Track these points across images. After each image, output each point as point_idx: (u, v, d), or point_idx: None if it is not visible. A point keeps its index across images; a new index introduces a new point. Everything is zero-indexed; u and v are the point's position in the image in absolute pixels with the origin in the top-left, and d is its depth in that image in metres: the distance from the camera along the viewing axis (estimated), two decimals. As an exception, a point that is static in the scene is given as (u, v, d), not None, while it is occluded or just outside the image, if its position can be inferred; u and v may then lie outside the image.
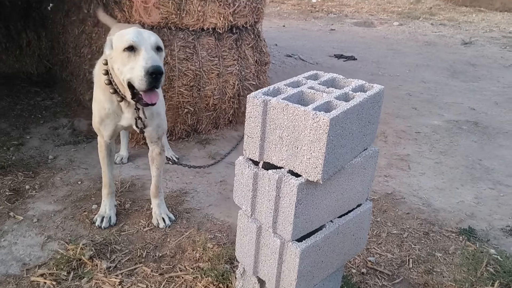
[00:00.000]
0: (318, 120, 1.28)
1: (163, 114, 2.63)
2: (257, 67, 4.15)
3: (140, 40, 2.10)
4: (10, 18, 5.36)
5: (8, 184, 3.07)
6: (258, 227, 1.56)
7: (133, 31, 2.14)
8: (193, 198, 3.09)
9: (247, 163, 1.55)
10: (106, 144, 2.66)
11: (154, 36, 2.18)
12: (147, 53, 2.07)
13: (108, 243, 2.53)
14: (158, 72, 2.02)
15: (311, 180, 1.37)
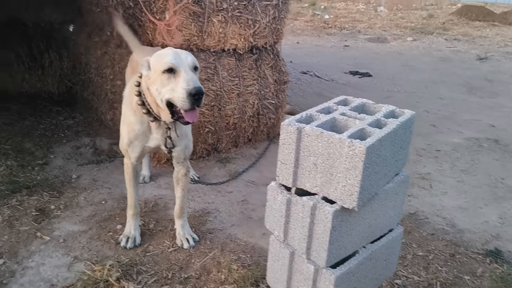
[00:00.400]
0: (354, 148, 1.30)
1: (190, 135, 2.67)
2: (276, 86, 4.19)
3: (179, 61, 2.14)
4: (33, 39, 5.51)
5: (34, 204, 3.12)
6: (291, 253, 1.57)
7: (171, 52, 2.19)
8: (216, 218, 3.10)
9: (279, 189, 1.57)
10: (132, 166, 2.70)
11: (191, 56, 2.23)
12: (187, 74, 2.11)
13: (134, 264, 2.55)
14: (200, 93, 2.07)
15: (346, 207, 1.38)
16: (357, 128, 1.41)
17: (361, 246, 1.57)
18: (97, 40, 4.56)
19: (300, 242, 1.50)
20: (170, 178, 3.67)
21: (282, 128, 1.45)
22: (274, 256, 1.65)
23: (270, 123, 4.29)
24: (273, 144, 4.42)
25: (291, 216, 1.52)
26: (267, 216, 1.62)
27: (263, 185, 3.65)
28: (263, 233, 2.94)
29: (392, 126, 1.44)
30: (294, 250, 1.56)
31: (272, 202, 1.57)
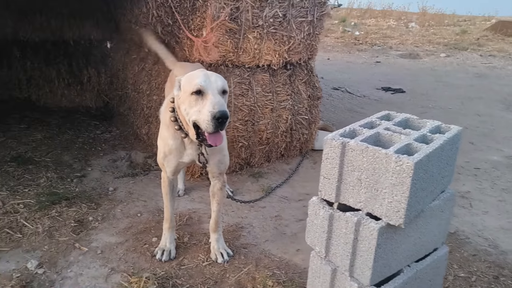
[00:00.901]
0: (401, 164, 1.27)
1: (225, 149, 2.68)
2: (309, 101, 4.19)
3: (207, 84, 2.18)
4: (73, 56, 5.72)
5: (73, 216, 3.20)
6: (332, 270, 1.54)
7: (201, 75, 2.22)
8: (249, 233, 3.09)
9: (321, 204, 1.55)
10: (169, 180, 2.74)
11: (221, 80, 2.25)
12: (214, 97, 2.14)
13: (170, 276, 2.56)
14: (224, 117, 2.08)
15: (392, 224, 1.34)
16: (403, 144, 1.38)
17: (405, 264, 1.53)
18: (135, 56, 4.70)
19: (342, 259, 1.47)
20: (204, 192, 3.72)
21: (325, 143, 1.44)
22: (315, 273, 1.62)
23: (303, 138, 4.28)
24: (305, 159, 4.40)
25: (334, 232, 1.49)
26: (308, 231, 1.60)
27: (296, 200, 3.62)
28: (297, 249, 2.90)
29: (440, 142, 1.40)
30: (336, 267, 1.53)
31: (314, 217, 1.55)
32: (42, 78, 5.64)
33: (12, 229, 2.99)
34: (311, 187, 3.85)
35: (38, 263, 2.63)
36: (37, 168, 3.95)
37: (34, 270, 2.58)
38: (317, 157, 4.49)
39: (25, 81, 5.62)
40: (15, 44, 5.45)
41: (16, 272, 2.56)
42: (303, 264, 2.74)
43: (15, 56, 5.50)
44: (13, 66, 5.53)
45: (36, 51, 5.55)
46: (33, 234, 2.95)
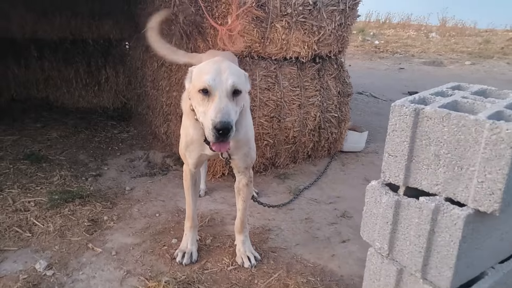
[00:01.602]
0: (499, 131, 0.99)
1: (252, 142, 2.41)
2: (339, 98, 3.91)
3: (216, 84, 1.89)
4: (92, 55, 5.57)
5: (86, 215, 2.96)
6: (398, 270, 1.25)
7: (212, 70, 1.94)
8: (278, 236, 2.81)
9: (383, 189, 1.26)
10: (191, 173, 2.49)
11: (232, 78, 1.93)
12: (219, 102, 1.87)
13: (191, 281, 2.29)
14: (225, 129, 1.82)
15: (483, 211, 1.06)
16: (493, 110, 1.10)
17: (489, 265, 1.23)
18: (153, 53, 4.49)
19: (412, 256, 1.18)
20: (226, 192, 3.45)
21: (393, 110, 1.17)
22: (374, 275, 1.33)
23: (332, 138, 3.99)
24: (334, 161, 4.11)
25: (400, 223, 1.21)
26: (365, 224, 1.31)
27: (327, 203, 3.33)
28: (332, 254, 2.61)
29: (538, 109, 1.12)
30: (403, 267, 1.24)
31: (373, 206, 1.27)
32: (60, 78, 5.50)
33: (21, 227, 2.77)
34: (342, 190, 3.56)
35: (47, 264, 2.40)
36: (51, 166, 3.75)
37: (42, 271, 2.34)
38: (346, 159, 4.20)
39: (42, 81, 5.49)
40: (33, 43, 5.33)
41: (23, 273, 2.33)
42: (340, 271, 2.44)
43: (33, 55, 5.38)
44: (31, 65, 5.40)
45: (55, 50, 5.43)
46: (43, 233, 2.72)
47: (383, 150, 3.86)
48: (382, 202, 1.24)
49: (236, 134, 2.23)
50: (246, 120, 2.29)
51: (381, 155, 4.48)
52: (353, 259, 2.57)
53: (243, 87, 1.99)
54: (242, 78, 2.02)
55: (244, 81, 2.04)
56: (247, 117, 2.31)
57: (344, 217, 3.08)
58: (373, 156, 4.34)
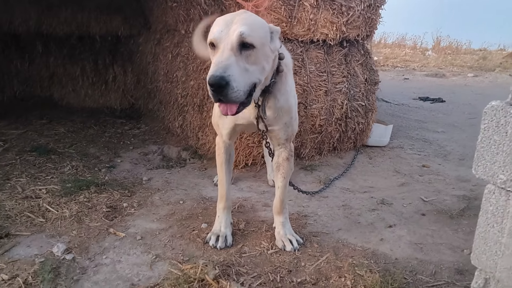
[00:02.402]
0: None
1: (294, 111, 2.15)
2: (366, 86, 3.72)
3: (221, 37, 1.66)
4: (100, 53, 5.37)
5: (104, 202, 2.70)
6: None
7: (221, 22, 1.71)
8: (316, 222, 2.56)
9: (509, 108, 1.04)
10: (225, 145, 2.24)
11: (241, 29, 1.64)
12: (220, 55, 1.64)
13: (230, 264, 2.03)
14: (216, 84, 1.56)
15: None
16: None
17: None
18: (167, 44, 4.32)
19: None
20: (251, 182, 3.22)
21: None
22: (493, 217, 1.10)
23: (359, 128, 3.78)
24: (360, 154, 3.88)
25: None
26: (480, 156, 1.09)
27: (361, 192, 3.10)
28: (380, 238, 2.36)
29: None
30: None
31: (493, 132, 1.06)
32: (66, 76, 5.27)
33: (34, 213, 2.50)
34: (374, 180, 3.33)
35: (65, 248, 2.12)
36: (61, 158, 3.50)
37: (61, 255, 2.07)
38: (372, 153, 3.98)
39: (47, 78, 5.26)
40: (38, 38, 5.11)
41: (40, 257, 2.05)
42: (393, 254, 2.20)
43: (37, 51, 5.15)
44: (35, 61, 5.18)
45: (60, 46, 5.21)
46: (58, 219, 2.45)
47: (408, 145, 3.65)
48: (510, 122, 1.01)
49: (274, 101, 2.01)
50: (287, 85, 2.05)
51: (407, 150, 4.29)
52: (404, 242, 2.32)
53: (257, 40, 1.68)
54: (259, 31, 1.72)
55: (261, 34, 1.73)
56: (288, 82, 2.06)
57: (384, 204, 2.84)
58: (399, 150, 4.13)
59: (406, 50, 20.64)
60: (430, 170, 3.59)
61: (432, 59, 17.10)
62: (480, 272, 1.17)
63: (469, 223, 2.56)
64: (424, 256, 2.19)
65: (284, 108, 2.06)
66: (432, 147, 4.29)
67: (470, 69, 13.82)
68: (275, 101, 2.01)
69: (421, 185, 3.22)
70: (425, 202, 2.88)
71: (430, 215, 2.67)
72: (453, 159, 3.91)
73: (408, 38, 21.71)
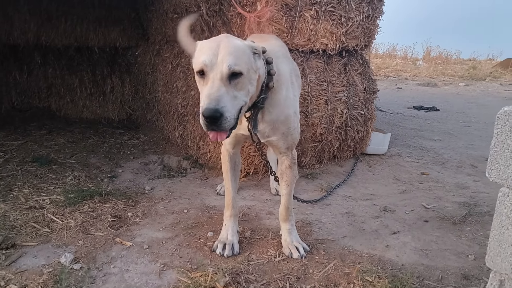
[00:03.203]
0: None
1: (291, 121, 2.12)
2: (365, 95, 3.77)
3: (211, 65, 1.66)
4: (98, 64, 5.38)
5: (109, 211, 2.70)
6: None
7: (210, 47, 1.70)
8: (321, 229, 2.57)
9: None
10: (229, 154, 2.27)
11: (229, 60, 1.66)
12: (211, 86, 1.65)
13: (239, 272, 2.04)
14: (211, 117, 1.60)
15: None
16: None
17: None
18: (167, 55, 4.34)
19: None
20: (253, 190, 3.24)
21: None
22: (508, 220, 1.12)
23: (358, 137, 3.82)
24: (359, 162, 3.92)
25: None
26: (493, 160, 1.12)
27: (363, 200, 3.12)
28: (386, 245, 2.38)
29: None
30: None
31: (507, 136, 1.08)
32: (64, 87, 5.27)
33: (38, 223, 2.49)
34: (375, 188, 3.36)
35: (73, 258, 2.11)
36: (62, 168, 3.49)
37: (69, 265, 2.06)
38: (371, 161, 4.02)
39: (45, 89, 5.25)
40: (36, 50, 5.12)
41: (47, 267, 2.05)
42: (400, 261, 2.22)
43: (36, 62, 5.16)
44: (33, 72, 5.17)
45: (59, 57, 5.22)
46: (63, 229, 2.45)
47: (406, 153, 3.71)
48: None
49: (267, 115, 2.03)
50: (280, 98, 2.04)
51: (405, 157, 4.34)
52: (410, 249, 2.35)
53: (243, 68, 1.70)
54: (244, 57, 1.73)
55: (246, 60, 1.74)
56: (282, 94, 2.05)
57: (387, 211, 2.87)
58: (397, 158, 4.17)
59: (397, 60, 20.90)
60: (429, 177, 3.63)
61: (423, 68, 17.35)
62: (495, 274, 1.19)
63: (471, 229, 2.60)
64: (429, 262, 2.21)
65: (280, 119, 2.07)
66: (430, 154, 4.34)
67: (461, 78, 14.03)
68: (267, 114, 2.02)
69: (422, 192, 3.25)
70: (427, 209, 2.92)
71: (433, 222, 2.70)
72: (451, 166, 3.96)
73: (399, 49, 21.97)
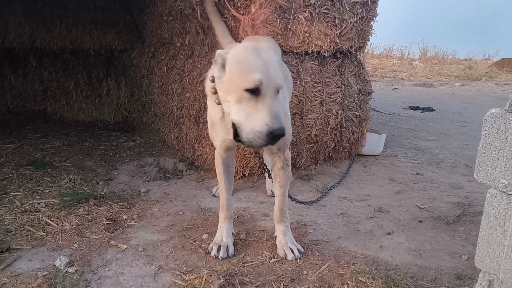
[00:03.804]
0: None
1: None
2: (360, 96, 3.79)
3: (267, 82, 1.63)
4: (93, 67, 5.39)
5: (104, 214, 2.70)
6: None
7: (260, 64, 1.66)
8: (316, 230, 2.59)
9: (509, 115, 1.09)
10: (222, 157, 2.27)
11: (279, 76, 1.69)
12: (272, 104, 1.62)
13: (234, 274, 2.04)
14: (282, 135, 1.63)
15: None
16: None
17: None
18: (162, 57, 4.35)
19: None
20: (249, 192, 3.25)
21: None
22: (496, 220, 1.14)
23: (353, 138, 3.83)
24: (355, 163, 3.93)
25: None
26: (481, 162, 1.15)
27: (358, 200, 3.13)
28: (380, 246, 2.40)
29: None
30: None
31: (494, 138, 1.10)
32: (59, 90, 5.27)
33: (34, 227, 2.49)
34: (371, 189, 3.38)
35: (68, 261, 2.12)
36: (58, 171, 3.49)
37: (63, 268, 2.07)
38: (367, 161, 4.03)
39: (40, 93, 5.25)
40: (31, 53, 5.12)
41: (42, 270, 2.06)
42: (394, 261, 2.23)
43: (31, 65, 5.16)
44: (28, 76, 5.17)
45: (54, 60, 5.22)
46: (58, 232, 2.45)
47: (402, 153, 3.72)
48: (510, 128, 1.06)
49: None
50: None
51: (400, 158, 4.36)
52: (404, 249, 2.36)
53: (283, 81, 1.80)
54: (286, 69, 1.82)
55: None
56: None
57: (382, 212, 2.88)
58: (392, 159, 4.19)
59: (394, 60, 20.95)
60: (424, 178, 3.65)
61: (419, 69, 17.40)
62: (484, 274, 1.20)
63: (465, 229, 2.61)
64: (423, 262, 2.22)
65: None
66: (425, 155, 4.36)
67: (457, 78, 14.09)
68: None
69: (417, 193, 3.27)
70: (421, 209, 2.93)
71: (427, 222, 2.72)
72: (446, 166, 3.97)
73: (395, 49, 22.01)
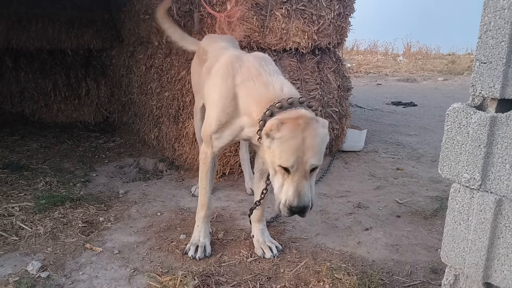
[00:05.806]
0: None
1: None
2: (339, 92, 3.79)
3: (297, 165, 1.73)
4: (72, 67, 5.30)
5: (80, 217, 2.65)
6: (496, 201, 1.05)
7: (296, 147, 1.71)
8: (295, 228, 2.58)
9: (470, 109, 1.09)
10: (212, 156, 2.23)
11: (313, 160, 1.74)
12: (298, 184, 1.75)
13: (210, 274, 2.03)
14: (301, 212, 1.81)
15: None
16: None
17: None
18: (141, 56, 4.30)
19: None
20: (228, 191, 3.23)
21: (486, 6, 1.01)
22: (460, 215, 1.15)
23: (334, 134, 3.84)
24: (336, 160, 3.94)
25: (496, 145, 1.04)
26: (444, 157, 1.16)
27: (337, 197, 3.14)
28: (357, 242, 2.41)
29: None
30: (502, 197, 1.05)
31: (456, 133, 1.10)
32: (37, 91, 5.17)
33: (6, 231, 2.43)
34: (351, 185, 3.39)
35: (40, 266, 2.07)
36: (34, 174, 3.42)
37: (36, 273, 2.02)
38: (348, 157, 4.04)
39: (18, 94, 5.14)
40: (7, 53, 5.01)
41: (13, 276, 2.00)
42: (370, 257, 2.24)
43: (7, 66, 5.04)
44: (4, 77, 5.06)
45: (31, 61, 5.11)
46: (32, 237, 2.40)
47: (382, 149, 3.73)
48: (471, 123, 1.06)
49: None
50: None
51: (381, 153, 4.38)
52: (381, 245, 2.37)
53: (321, 159, 1.83)
54: (323, 148, 1.82)
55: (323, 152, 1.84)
56: None
57: (361, 208, 2.89)
58: (373, 154, 4.21)
59: (378, 56, 21.06)
60: (404, 172, 3.67)
61: (403, 64, 17.54)
62: (450, 269, 1.21)
63: (442, 222, 2.61)
64: (400, 257, 2.23)
65: None
66: (406, 150, 4.39)
67: (440, 73, 14.23)
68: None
69: (396, 188, 3.29)
70: (400, 204, 2.95)
71: (405, 217, 2.74)
72: (426, 161, 4.01)
73: (379, 45, 22.12)
